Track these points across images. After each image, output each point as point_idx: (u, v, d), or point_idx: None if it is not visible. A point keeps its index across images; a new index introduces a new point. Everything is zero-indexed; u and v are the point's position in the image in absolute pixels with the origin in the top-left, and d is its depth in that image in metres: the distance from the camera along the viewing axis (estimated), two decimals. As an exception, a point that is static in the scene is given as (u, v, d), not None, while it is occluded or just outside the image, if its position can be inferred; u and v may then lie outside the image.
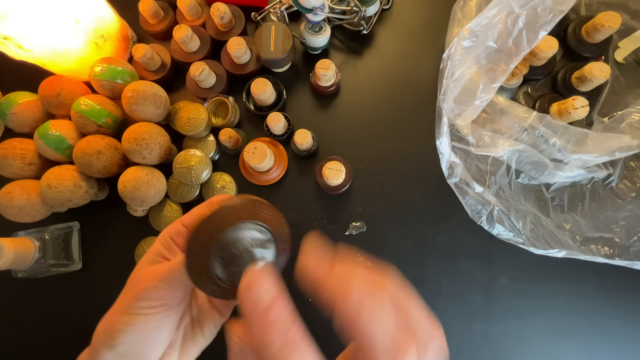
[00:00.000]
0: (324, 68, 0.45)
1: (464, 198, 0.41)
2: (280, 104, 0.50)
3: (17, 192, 0.42)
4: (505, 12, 0.38)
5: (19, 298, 0.49)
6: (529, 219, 0.42)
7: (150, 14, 0.50)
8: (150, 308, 0.21)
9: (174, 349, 0.24)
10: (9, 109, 0.45)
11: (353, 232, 0.48)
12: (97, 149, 0.42)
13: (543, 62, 0.46)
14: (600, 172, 0.44)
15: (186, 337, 0.25)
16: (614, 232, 0.42)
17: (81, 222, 0.50)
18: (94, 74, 0.44)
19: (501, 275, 0.46)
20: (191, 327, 0.25)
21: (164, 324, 0.22)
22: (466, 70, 0.40)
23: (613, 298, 0.45)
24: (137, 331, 0.21)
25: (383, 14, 0.53)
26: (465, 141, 0.42)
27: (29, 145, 0.45)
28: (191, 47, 0.49)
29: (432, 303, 0.46)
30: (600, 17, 0.43)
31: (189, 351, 0.25)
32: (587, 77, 0.43)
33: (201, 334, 0.25)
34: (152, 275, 0.22)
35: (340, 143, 0.50)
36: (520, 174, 0.45)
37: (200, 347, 0.25)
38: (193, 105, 0.47)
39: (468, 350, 0.45)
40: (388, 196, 0.48)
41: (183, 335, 0.25)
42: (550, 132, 0.41)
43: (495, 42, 0.40)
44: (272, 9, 0.50)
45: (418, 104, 0.50)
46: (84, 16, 0.43)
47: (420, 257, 0.47)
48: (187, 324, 0.25)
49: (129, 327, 0.21)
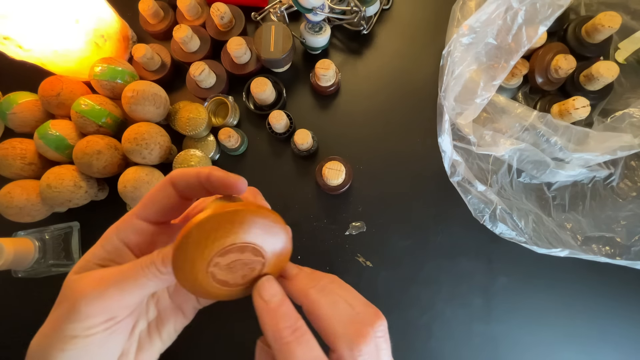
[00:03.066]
0: (324, 68, 0.45)
1: (466, 197, 0.41)
2: (280, 103, 0.50)
3: (17, 192, 0.42)
4: (504, 7, 0.38)
5: (19, 298, 0.49)
6: (530, 218, 0.42)
7: (150, 14, 0.50)
8: (91, 328, 0.18)
9: (127, 357, 0.21)
10: (9, 109, 0.45)
11: (353, 232, 0.48)
12: (97, 149, 0.42)
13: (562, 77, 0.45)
14: (601, 172, 0.44)
15: (141, 344, 0.22)
16: (615, 232, 0.42)
17: (81, 222, 0.49)
18: (94, 74, 0.44)
19: (501, 275, 0.46)
20: (147, 333, 0.23)
21: (111, 340, 0.19)
22: (466, 68, 0.40)
23: (614, 298, 0.45)
24: (77, 356, 0.18)
25: (383, 14, 0.53)
26: (467, 140, 0.42)
27: (29, 145, 0.45)
28: (191, 47, 0.49)
29: (432, 303, 0.46)
30: (600, 17, 0.43)
31: (145, 358, 0.22)
32: (594, 76, 0.42)
33: (159, 339, 0.23)
34: (96, 283, 0.18)
35: (340, 143, 0.50)
36: (522, 173, 0.45)
37: (158, 352, 0.23)
38: (193, 105, 0.47)
39: (468, 350, 0.45)
40: (388, 196, 0.48)
41: (138, 342, 0.22)
42: (551, 131, 0.41)
43: (495, 39, 0.40)
44: (272, 9, 0.50)
45: (418, 104, 0.50)
46: (84, 16, 0.43)
47: (420, 257, 0.47)
48: (143, 329, 0.22)
49: (63, 353, 0.18)
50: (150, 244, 0.22)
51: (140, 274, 0.18)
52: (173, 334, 0.24)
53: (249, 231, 0.19)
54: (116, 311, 0.19)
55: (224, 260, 0.19)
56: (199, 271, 0.19)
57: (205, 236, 0.18)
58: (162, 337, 0.23)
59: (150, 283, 0.19)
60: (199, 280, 0.19)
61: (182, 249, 0.18)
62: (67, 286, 0.19)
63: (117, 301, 0.18)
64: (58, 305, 0.19)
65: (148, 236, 0.21)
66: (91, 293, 0.18)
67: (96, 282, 0.18)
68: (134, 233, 0.21)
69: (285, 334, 0.18)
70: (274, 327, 0.18)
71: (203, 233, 0.18)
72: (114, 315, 0.19)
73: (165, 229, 0.22)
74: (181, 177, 0.20)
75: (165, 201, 0.21)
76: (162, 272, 0.19)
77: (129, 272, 0.19)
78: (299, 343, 0.18)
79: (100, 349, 0.19)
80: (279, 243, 0.21)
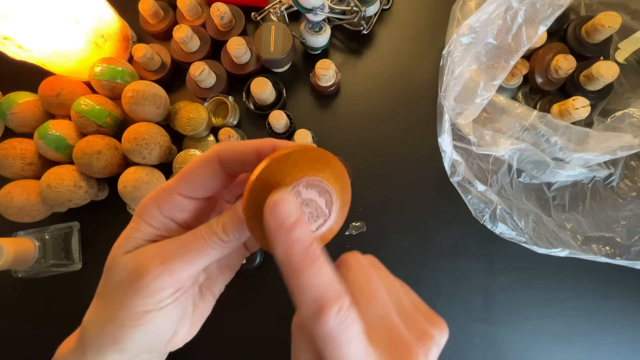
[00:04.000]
0: (324, 68, 0.45)
1: (466, 197, 0.41)
2: (280, 103, 0.50)
3: (17, 192, 0.42)
4: (504, 7, 0.38)
5: (19, 298, 0.49)
6: (530, 218, 0.42)
7: (150, 14, 0.50)
8: (163, 300, 0.19)
9: (185, 319, 0.22)
10: (9, 109, 0.45)
11: (353, 232, 0.48)
12: (97, 149, 0.42)
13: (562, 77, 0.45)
14: (601, 172, 0.44)
15: (196, 304, 0.23)
16: (615, 232, 0.42)
17: (81, 222, 0.49)
18: (94, 74, 0.44)
19: (501, 275, 0.46)
20: (200, 293, 0.23)
21: (179, 308, 0.20)
22: (466, 68, 0.40)
23: (614, 298, 0.45)
24: (150, 329, 0.19)
25: (383, 14, 0.53)
26: (467, 140, 0.42)
27: (29, 145, 0.45)
28: (191, 47, 0.49)
29: (432, 303, 0.46)
30: (600, 17, 0.43)
31: (201, 314, 0.23)
32: (594, 76, 0.42)
33: (211, 296, 0.24)
34: (161, 257, 0.19)
35: (340, 143, 0.50)
36: (522, 173, 0.45)
37: (211, 305, 0.24)
38: (193, 105, 0.47)
39: (468, 350, 0.45)
40: (388, 196, 0.48)
41: (193, 303, 0.23)
42: (551, 131, 0.41)
43: (495, 39, 0.40)
44: (272, 9, 0.50)
45: (418, 104, 0.50)
46: (84, 16, 0.43)
47: (420, 257, 0.47)
48: (195, 291, 0.23)
49: (138, 328, 0.19)
50: (196, 219, 0.21)
51: (203, 244, 0.19)
52: (223, 287, 0.24)
53: (334, 176, 0.18)
54: (183, 282, 0.19)
55: (304, 193, 0.18)
56: None
57: (293, 164, 0.17)
58: (214, 293, 0.24)
59: (213, 252, 0.19)
60: None
61: (260, 183, 0.17)
62: (125, 265, 0.19)
63: (185, 272, 0.19)
64: (117, 286, 0.19)
65: (192, 212, 0.21)
66: (157, 268, 0.18)
67: (160, 257, 0.18)
68: (178, 210, 0.20)
69: (296, 257, 0.16)
70: (285, 250, 0.17)
71: (292, 159, 0.17)
72: (182, 286, 0.19)
73: (208, 203, 0.22)
74: (233, 153, 0.19)
75: (209, 178, 0.20)
76: (224, 240, 0.19)
77: (192, 244, 0.19)
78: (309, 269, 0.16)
79: (170, 318, 0.20)
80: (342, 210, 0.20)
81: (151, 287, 0.18)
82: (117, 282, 0.19)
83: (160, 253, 0.19)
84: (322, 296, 0.16)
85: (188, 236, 0.19)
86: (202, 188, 0.20)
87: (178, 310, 0.20)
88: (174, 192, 0.20)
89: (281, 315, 0.45)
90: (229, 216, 0.19)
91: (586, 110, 0.41)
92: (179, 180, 0.20)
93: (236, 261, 0.24)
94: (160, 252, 0.19)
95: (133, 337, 0.19)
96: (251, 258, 0.45)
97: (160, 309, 0.19)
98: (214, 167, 0.20)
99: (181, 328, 0.21)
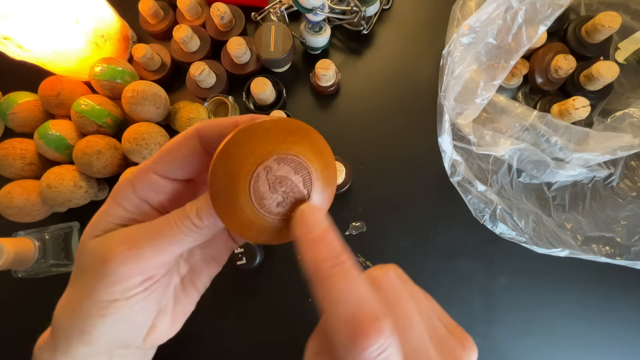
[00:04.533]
0: (324, 68, 0.45)
1: (466, 196, 0.41)
2: (280, 103, 0.50)
3: (17, 192, 0.42)
4: (504, 7, 0.38)
5: (19, 298, 0.49)
6: (530, 218, 0.42)
7: (150, 14, 0.50)
8: (130, 289, 0.17)
9: (165, 313, 0.20)
10: (9, 109, 0.45)
11: (353, 232, 0.48)
12: (97, 149, 0.42)
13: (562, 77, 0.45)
14: (601, 171, 0.44)
15: (178, 298, 0.21)
16: (615, 232, 0.42)
17: (81, 222, 0.49)
18: (94, 74, 0.44)
19: (501, 276, 0.46)
20: (182, 287, 0.21)
21: (151, 299, 0.18)
22: (466, 68, 0.40)
23: (614, 298, 0.45)
24: (118, 320, 0.17)
25: (383, 14, 0.53)
26: (467, 140, 0.42)
27: (29, 145, 0.45)
28: (191, 47, 0.49)
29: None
30: (600, 17, 0.43)
31: (183, 309, 0.21)
32: (594, 76, 0.43)
33: (195, 290, 0.22)
34: (128, 243, 0.17)
35: (340, 143, 0.50)
36: (522, 173, 0.45)
37: (195, 301, 0.22)
38: (193, 105, 0.47)
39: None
40: (388, 196, 0.48)
41: (174, 296, 0.21)
42: (551, 131, 0.41)
43: (495, 39, 0.40)
44: (272, 9, 0.50)
45: (418, 104, 0.50)
46: (84, 16, 0.43)
47: (420, 257, 0.47)
48: (176, 284, 0.21)
49: (104, 318, 0.17)
50: (173, 202, 0.20)
51: (175, 230, 0.17)
52: (208, 282, 0.22)
53: (313, 152, 0.16)
54: (153, 270, 0.18)
55: (276, 169, 0.16)
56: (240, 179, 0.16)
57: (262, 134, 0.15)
58: (198, 287, 0.22)
59: (187, 239, 0.17)
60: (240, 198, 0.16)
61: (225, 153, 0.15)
62: (92, 250, 0.18)
63: (154, 259, 0.17)
64: (84, 272, 0.18)
65: (169, 194, 0.19)
66: (124, 253, 0.17)
67: (128, 242, 0.17)
68: (154, 191, 0.19)
69: (325, 266, 0.15)
70: (314, 259, 0.15)
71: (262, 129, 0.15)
72: (152, 275, 0.18)
73: (187, 186, 0.20)
74: (212, 128, 0.18)
75: (188, 156, 0.18)
76: (198, 225, 0.17)
77: (163, 229, 0.17)
78: (341, 279, 0.15)
79: (141, 309, 0.18)
80: (326, 191, 0.18)
81: (117, 274, 0.17)
82: (84, 269, 0.18)
83: (129, 238, 0.17)
84: (358, 314, 0.14)
85: (160, 220, 0.18)
86: (181, 167, 0.19)
87: (151, 302, 0.19)
88: (150, 171, 0.18)
89: (281, 315, 0.45)
90: (204, 200, 0.17)
91: (586, 110, 0.41)
92: (157, 157, 0.18)
93: (222, 253, 0.23)
94: (129, 236, 0.17)
95: (100, 329, 0.17)
96: (251, 257, 0.45)
97: (128, 299, 0.17)
98: (193, 144, 0.18)
99: (160, 323, 0.20)
